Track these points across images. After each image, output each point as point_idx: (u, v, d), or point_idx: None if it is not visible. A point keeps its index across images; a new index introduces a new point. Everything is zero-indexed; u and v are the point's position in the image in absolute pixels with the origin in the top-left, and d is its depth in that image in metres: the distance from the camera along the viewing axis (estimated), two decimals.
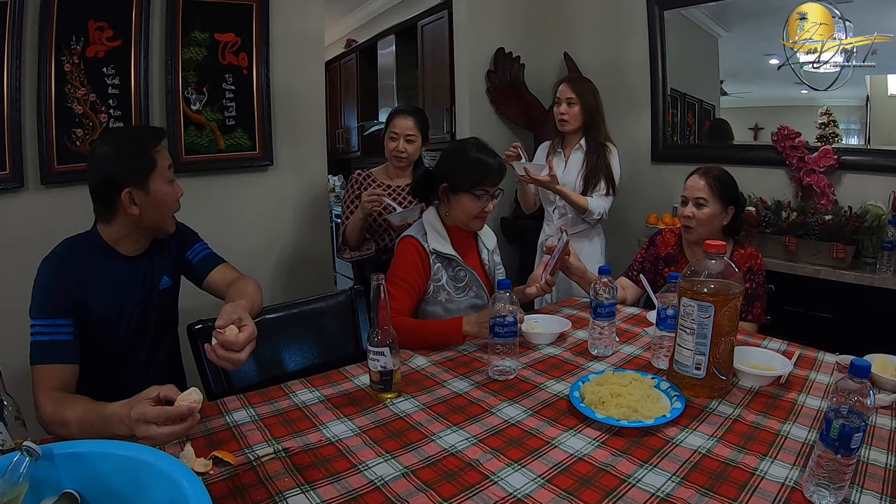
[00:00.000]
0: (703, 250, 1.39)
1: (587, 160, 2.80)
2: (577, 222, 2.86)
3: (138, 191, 1.50)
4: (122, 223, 1.55)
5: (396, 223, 2.48)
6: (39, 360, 1.38)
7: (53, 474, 0.88)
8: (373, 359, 1.39)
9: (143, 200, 1.52)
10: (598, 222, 2.88)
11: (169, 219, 1.62)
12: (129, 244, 1.60)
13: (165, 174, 1.56)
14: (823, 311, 2.62)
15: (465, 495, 1.01)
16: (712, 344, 1.35)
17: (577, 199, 2.72)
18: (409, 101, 5.03)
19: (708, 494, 1.00)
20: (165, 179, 1.56)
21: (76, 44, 2.41)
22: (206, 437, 1.23)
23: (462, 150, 1.96)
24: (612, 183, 2.78)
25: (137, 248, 1.62)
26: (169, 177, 1.58)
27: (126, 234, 1.58)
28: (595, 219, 2.79)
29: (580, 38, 4.02)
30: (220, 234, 2.08)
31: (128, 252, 1.60)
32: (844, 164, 2.82)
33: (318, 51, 3.24)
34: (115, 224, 1.56)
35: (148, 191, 1.52)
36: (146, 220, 1.55)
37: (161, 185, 1.54)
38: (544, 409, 1.35)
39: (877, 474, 1.05)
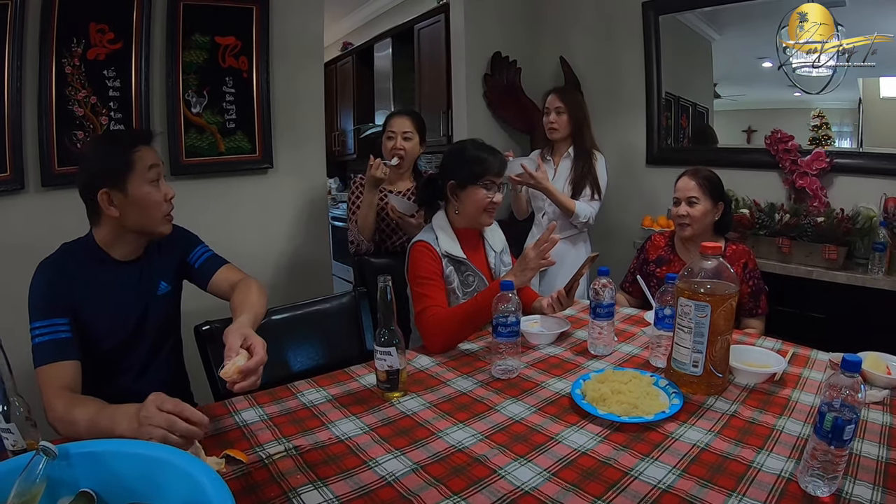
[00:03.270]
0: (700, 252, 1.44)
1: (574, 167, 2.92)
2: (566, 227, 2.93)
3: (115, 192, 1.48)
4: (108, 226, 1.54)
5: (396, 205, 2.54)
6: (43, 361, 1.39)
7: (70, 474, 0.89)
8: (379, 358, 1.42)
9: (122, 201, 1.49)
10: (585, 227, 2.96)
11: (157, 221, 1.58)
12: (122, 248, 1.59)
13: (145, 175, 1.52)
14: (816, 312, 2.66)
15: (474, 489, 1.04)
16: (709, 342, 1.39)
17: (564, 201, 2.82)
18: (405, 105, 5.04)
19: (707, 486, 1.03)
20: (145, 180, 1.52)
21: (77, 46, 2.42)
22: (216, 436, 1.25)
23: (462, 148, 2.02)
24: (598, 189, 2.89)
25: (131, 252, 1.61)
26: (150, 178, 1.53)
27: (116, 237, 1.57)
28: (581, 222, 2.87)
29: (576, 43, 4.05)
30: (219, 237, 2.09)
31: (122, 257, 1.60)
32: (837, 166, 2.86)
33: (317, 54, 3.26)
34: (104, 227, 1.55)
35: (126, 192, 1.49)
36: (129, 222, 1.53)
37: (140, 186, 1.51)
38: (547, 407, 1.39)
39: (869, 466, 1.10)
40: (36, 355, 1.40)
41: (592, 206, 2.88)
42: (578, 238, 3.02)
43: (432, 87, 4.53)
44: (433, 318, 1.77)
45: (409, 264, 1.94)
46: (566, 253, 2.94)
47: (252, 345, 1.32)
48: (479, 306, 1.71)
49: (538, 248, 1.74)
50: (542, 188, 2.77)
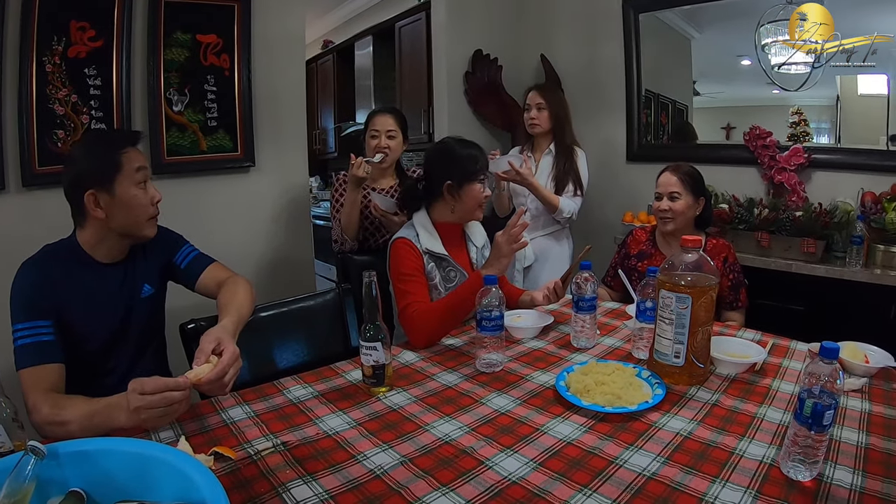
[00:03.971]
0: (681, 245, 1.46)
1: (556, 163, 2.95)
2: (549, 223, 2.98)
3: (102, 193, 1.47)
4: (93, 227, 1.53)
5: (379, 203, 2.54)
6: (25, 364, 1.36)
7: (59, 473, 0.88)
8: (365, 353, 1.43)
9: (109, 203, 1.48)
10: (568, 222, 2.99)
11: (142, 223, 1.57)
12: (106, 250, 1.57)
13: (133, 177, 1.51)
14: (796, 304, 2.71)
15: (462, 479, 1.05)
16: (690, 333, 1.41)
17: (548, 196, 2.84)
18: (386, 103, 5.03)
19: (691, 473, 1.06)
20: (133, 182, 1.51)
21: (58, 44, 2.39)
22: (204, 434, 1.24)
23: (449, 147, 2.03)
24: (580, 184, 2.93)
25: (115, 254, 1.60)
26: (138, 179, 1.52)
27: (100, 239, 1.55)
28: (565, 217, 2.90)
29: (557, 41, 4.08)
30: (201, 236, 2.07)
31: (105, 258, 1.58)
32: (815, 162, 2.92)
33: (298, 52, 3.25)
34: (88, 228, 1.53)
35: (113, 193, 1.48)
36: (115, 223, 1.52)
37: (127, 188, 1.50)
38: (532, 399, 1.40)
39: (849, 451, 1.13)
40: (18, 358, 1.38)
41: (575, 201, 2.91)
42: (562, 234, 3.06)
43: (413, 84, 4.54)
44: (416, 314, 1.79)
45: (390, 261, 1.95)
46: (550, 249, 2.98)
47: (222, 351, 1.30)
48: (460, 298, 1.73)
49: (507, 233, 1.74)
50: (527, 184, 2.79)
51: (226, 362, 1.27)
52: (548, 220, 2.97)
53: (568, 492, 1.01)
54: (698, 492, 1.00)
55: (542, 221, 2.98)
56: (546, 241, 3.01)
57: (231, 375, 1.29)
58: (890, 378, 1.49)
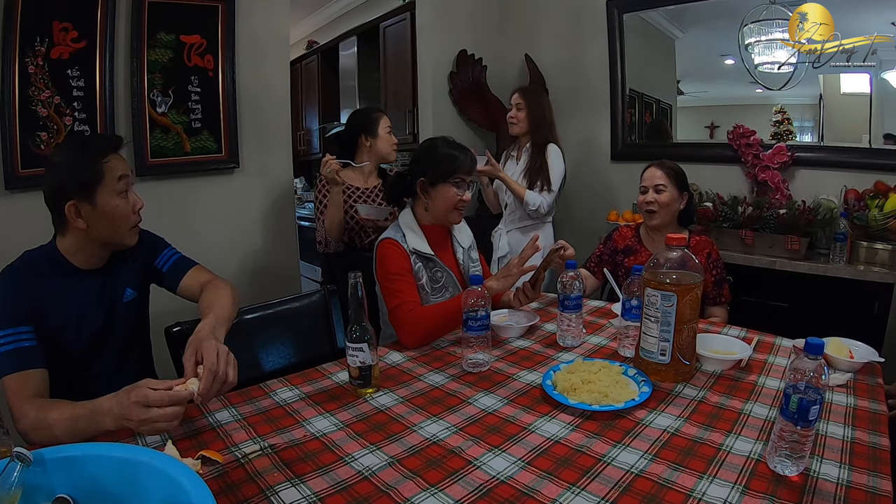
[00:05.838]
0: (665, 243, 1.46)
1: (529, 160, 3.08)
2: (524, 218, 3.12)
3: (84, 203, 1.44)
4: (74, 236, 1.50)
5: (363, 214, 2.54)
6: (8, 371, 1.34)
7: (45, 480, 0.87)
8: (351, 355, 1.42)
9: (90, 213, 1.45)
10: (538, 215, 3.07)
11: (124, 233, 1.54)
12: (85, 258, 1.54)
13: (115, 186, 1.47)
14: (780, 301, 2.74)
15: (450, 480, 1.05)
16: (676, 331, 1.42)
17: (515, 188, 3.03)
18: (371, 103, 5.02)
19: (679, 469, 1.06)
20: (115, 192, 1.47)
21: (41, 45, 2.36)
22: (191, 437, 1.23)
23: (433, 145, 2.02)
24: (548, 181, 3.02)
25: (95, 261, 1.57)
26: (119, 189, 1.48)
27: (81, 247, 1.52)
28: (531, 209, 3.01)
29: (541, 41, 4.09)
30: (185, 238, 2.06)
31: (85, 265, 1.55)
32: (798, 160, 2.95)
33: (283, 52, 3.24)
34: (69, 236, 1.50)
35: (94, 203, 1.45)
36: (96, 233, 1.49)
37: (109, 198, 1.46)
38: (519, 398, 1.40)
39: (835, 446, 1.14)
40: (1, 365, 1.35)
41: (543, 195, 3.01)
42: (540, 229, 3.11)
43: (398, 85, 4.53)
44: (413, 313, 1.78)
45: (377, 262, 1.94)
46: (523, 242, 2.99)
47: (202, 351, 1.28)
48: (457, 309, 1.69)
49: (522, 258, 1.84)
50: (497, 176, 3.02)
51: (209, 367, 1.24)
52: (523, 214, 3.10)
53: (556, 490, 1.01)
54: (686, 488, 1.01)
55: (519, 215, 3.13)
56: (520, 234, 3.14)
57: (225, 371, 1.26)
58: (874, 373, 1.51)
